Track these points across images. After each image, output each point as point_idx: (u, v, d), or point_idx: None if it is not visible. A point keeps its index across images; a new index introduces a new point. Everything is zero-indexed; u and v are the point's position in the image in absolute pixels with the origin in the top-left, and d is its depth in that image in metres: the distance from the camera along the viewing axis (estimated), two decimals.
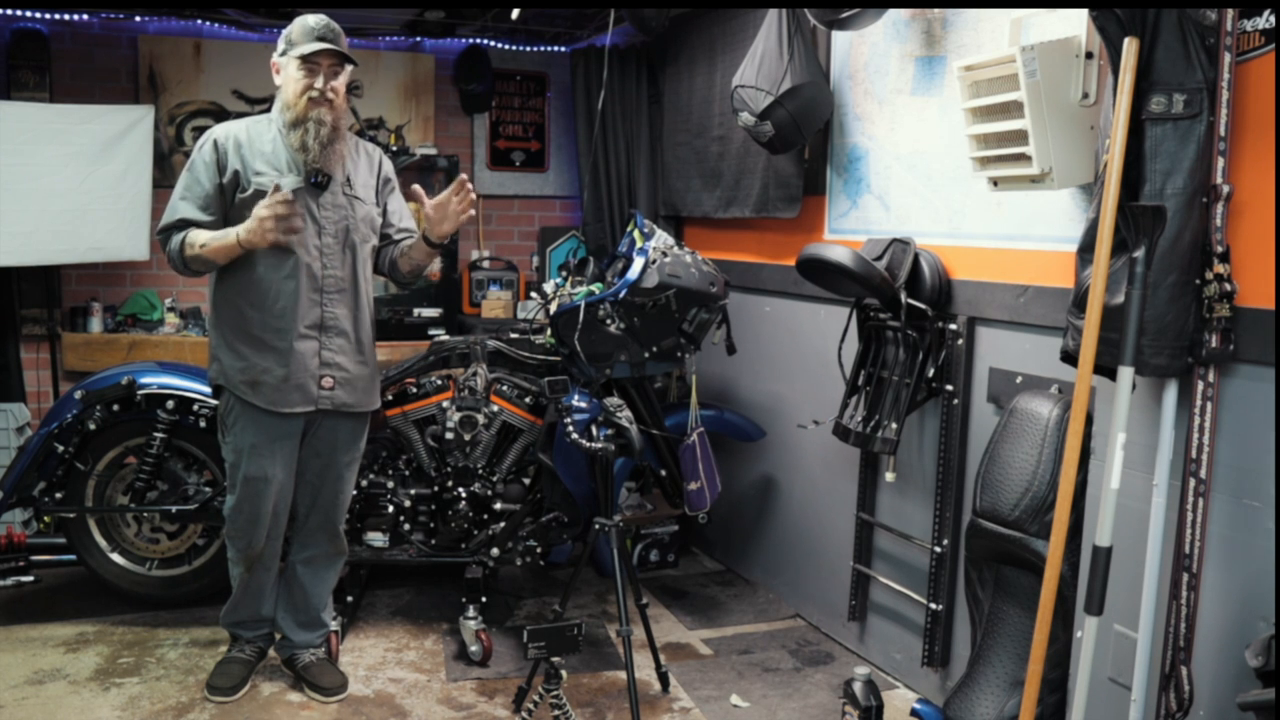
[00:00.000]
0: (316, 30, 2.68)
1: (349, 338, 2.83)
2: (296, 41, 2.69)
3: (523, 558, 3.40)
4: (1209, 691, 1.96)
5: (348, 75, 2.77)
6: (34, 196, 4.05)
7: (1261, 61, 1.87)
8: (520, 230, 5.34)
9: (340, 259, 2.80)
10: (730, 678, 3.16)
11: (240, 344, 2.76)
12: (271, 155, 2.74)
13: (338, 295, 2.80)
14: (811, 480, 3.61)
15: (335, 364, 2.81)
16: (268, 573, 2.96)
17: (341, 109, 2.76)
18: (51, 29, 4.47)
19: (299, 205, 2.67)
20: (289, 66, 2.71)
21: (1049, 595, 2.04)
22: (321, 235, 2.77)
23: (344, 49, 2.72)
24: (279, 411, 2.76)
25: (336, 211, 2.79)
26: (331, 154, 2.74)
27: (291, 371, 2.75)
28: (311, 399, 2.79)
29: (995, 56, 2.33)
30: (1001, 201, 2.69)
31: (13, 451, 3.96)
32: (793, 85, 3.12)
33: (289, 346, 2.74)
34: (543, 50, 5.19)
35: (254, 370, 2.75)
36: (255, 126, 2.80)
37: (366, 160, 2.93)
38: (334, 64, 2.71)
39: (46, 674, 3.03)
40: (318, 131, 2.70)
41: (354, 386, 2.86)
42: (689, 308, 3.28)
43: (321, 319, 2.78)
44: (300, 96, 2.69)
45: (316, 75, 2.69)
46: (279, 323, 2.74)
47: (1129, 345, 1.89)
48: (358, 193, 2.84)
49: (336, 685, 2.94)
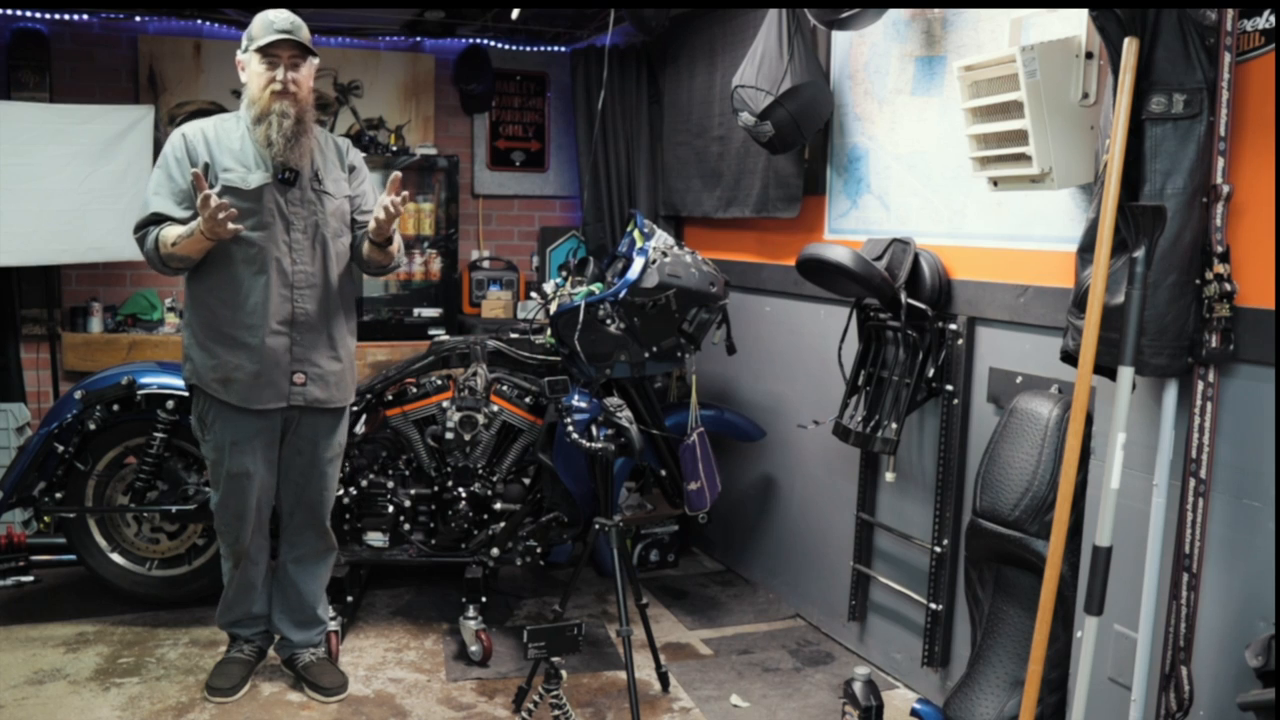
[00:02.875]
0: (276, 24, 2.68)
1: (321, 333, 2.83)
2: (256, 36, 2.69)
3: (523, 558, 3.40)
4: (1209, 691, 1.96)
5: (312, 68, 2.76)
6: (34, 196, 4.05)
7: (1261, 61, 1.87)
8: (520, 230, 5.34)
9: (310, 254, 2.79)
10: (730, 678, 3.16)
11: (212, 342, 2.76)
12: (239, 152, 2.74)
13: (309, 291, 2.79)
14: (811, 480, 3.61)
15: (307, 360, 2.81)
16: (256, 567, 2.97)
17: (305, 102, 2.74)
18: (51, 29, 4.47)
19: (268, 200, 2.68)
20: (251, 62, 2.71)
21: (1049, 595, 2.04)
22: (291, 231, 2.76)
23: (305, 40, 2.71)
24: (252, 409, 2.77)
25: (306, 207, 2.78)
26: (297, 148, 2.72)
27: (263, 368, 2.75)
28: (283, 395, 2.79)
29: (995, 56, 2.33)
30: (1001, 201, 2.69)
31: (13, 451, 3.96)
32: (793, 85, 3.12)
33: (260, 343, 2.74)
34: (543, 50, 5.19)
35: (225, 368, 2.74)
36: (223, 124, 2.79)
37: (335, 153, 2.91)
38: (294, 55, 2.70)
39: (46, 674, 3.03)
40: (280, 124, 2.68)
41: (327, 382, 2.85)
42: (689, 308, 3.28)
43: (292, 315, 2.77)
44: (263, 90, 2.69)
45: (277, 67, 2.68)
46: (250, 319, 2.73)
47: (1129, 345, 1.89)
48: (327, 187, 2.82)
49: (337, 685, 2.94)
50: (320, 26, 4.76)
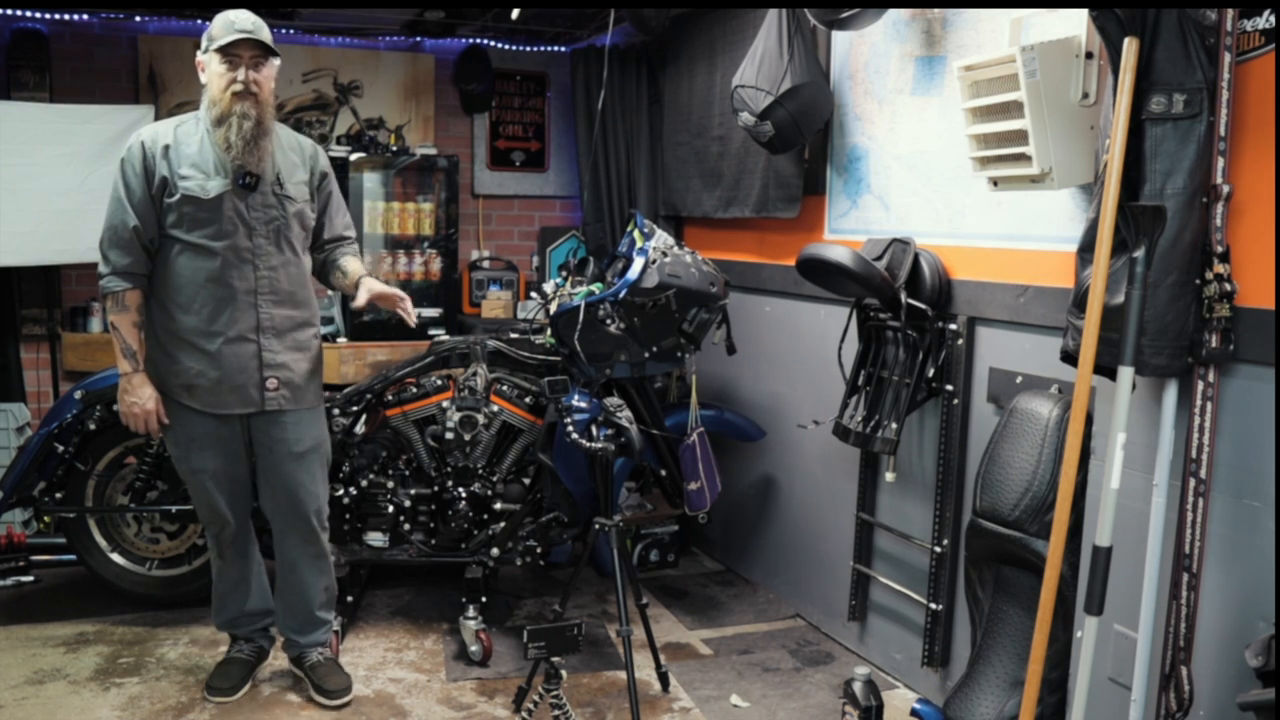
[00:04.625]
0: (237, 23, 2.64)
1: (289, 336, 2.80)
2: (217, 36, 2.64)
3: (523, 558, 3.40)
4: (1209, 691, 1.96)
5: (273, 69, 2.72)
6: (34, 196, 4.05)
7: (1261, 61, 1.87)
8: (520, 230, 5.34)
9: (276, 259, 2.76)
10: (730, 678, 3.16)
11: (171, 346, 2.74)
12: (198, 157, 2.69)
13: (274, 296, 2.77)
14: (811, 480, 3.61)
15: (278, 364, 2.78)
16: (242, 560, 2.96)
17: (267, 103, 2.70)
18: (51, 29, 4.47)
19: (228, 207, 2.67)
20: (211, 62, 2.67)
21: (1049, 595, 2.04)
22: (253, 237, 2.72)
23: (266, 40, 2.66)
24: (215, 414, 2.76)
25: (267, 212, 2.74)
26: (257, 150, 2.68)
27: (224, 374, 2.72)
28: (253, 401, 2.76)
29: (995, 56, 2.33)
30: (1001, 201, 2.69)
31: (13, 451, 3.96)
32: (793, 85, 3.12)
33: (217, 350, 2.71)
34: (543, 50, 5.19)
35: (187, 374, 2.73)
36: (183, 128, 2.74)
37: (299, 155, 2.86)
38: (255, 55, 2.66)
39: (46, 674, 3.03)
40: (240, 126, 2.64)
41: (300, 384, 2.83)
42: (689, 308, 3.28)
43: (258, 322, 2.75)
44: (224, 91, 2.64)
45: (238, 68, 2.64)
46: (211, 327, 2.71)
47: (1129, 345, 1.89)
48: (289, 191, 2.78)
49: (340, 688, 2.91)
50: (320, 26, 4.77)
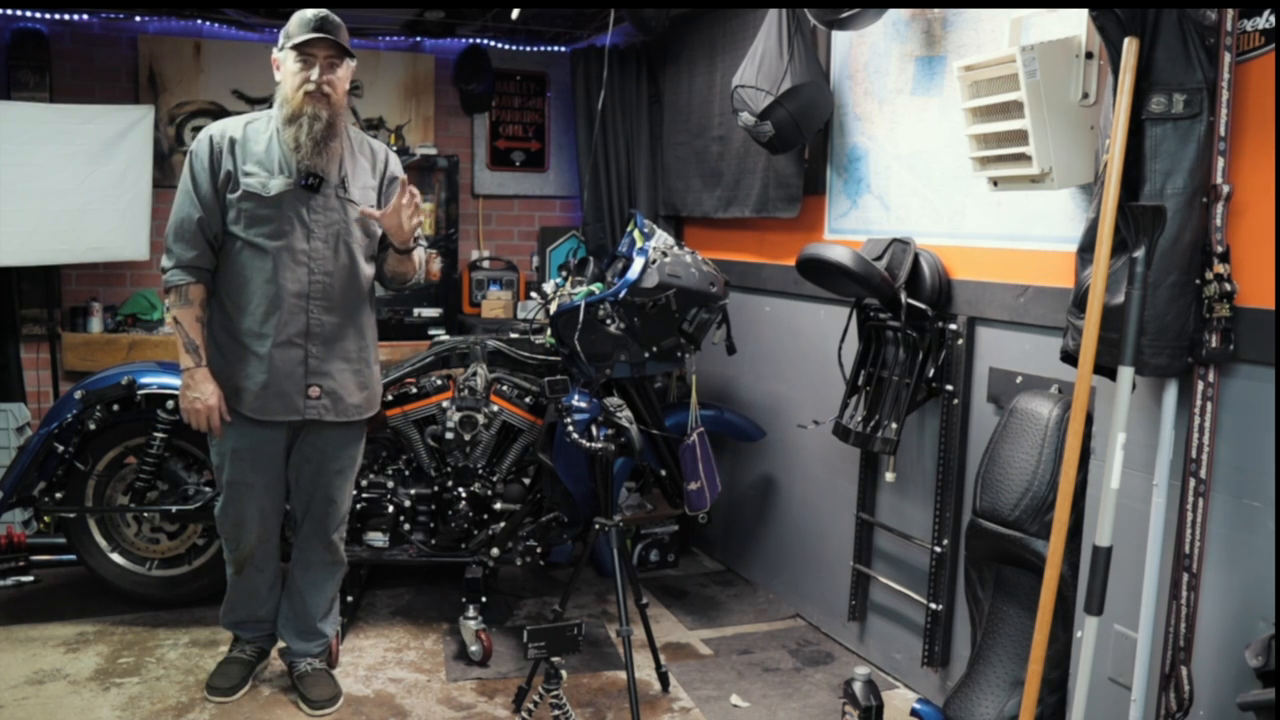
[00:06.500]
0: (313, 22, 2.61)
1: (339, 346, 2.76)
2: (293, 34, 2.63)
3: (523, 558, 3.40)
4: (1209, 691, 1.96)
5: (349, 70, 2.70)
6: (34, 196, 4.05)
7: (1261, 61, 1.87)
8: (520, 230, 5.34)
9: (332, 264, 2.72)
10: (730, 678, 3.16)
11: (224, 345, 2.73)
12: (264, 155, 2.68)
13: (326, 302, 2.72)
14: (811, 480, 3.61)
15: (324, 373, 2.74)
16: (260, 574, 2.94)
17: (339, 105, 2.67)
18: (51, 29, 4.47)
19: (288, 207, 2.64)
20: (287, 60, 2.65)
21: (1049, 595, 2.04)
22: (310, 240, 2.69)
23: (342, 41, 2.64)
24: (260, 420, 2.73)
25: (328, 215, 2.70)
26: (325, 152, 2.66)
27: (271, 379, 2.69)
28: (296, 409, 2.73)
29: (995, 56, 2.33)
30: (1001, 201, 2.69)
31: (13, 451, 3.96)
32: (793, 85, 3.12)
33: (267, 353, 2.68)
34: (543, 50, 5.19)
35: (236, 376, 2.71)
36: (253, 125, 2.73)
37: (369, 159, 2.83)
38: (331, 56, 2.64)
39: (46, 674, 3.03)
40: (311, 127, 2.62)
41: (342, 397, 2.78)
42: (689, 308, 3.28)
43: (308, 326, 2.71)
44: (297, 90, 2.62)
45: (312, 67, 2.62)
46: (260, 329, 2.68)
47: (1129, 345, 1.89)
48: (352, 195, 2.74)
49: (325, 699, 2.87)
50: None
